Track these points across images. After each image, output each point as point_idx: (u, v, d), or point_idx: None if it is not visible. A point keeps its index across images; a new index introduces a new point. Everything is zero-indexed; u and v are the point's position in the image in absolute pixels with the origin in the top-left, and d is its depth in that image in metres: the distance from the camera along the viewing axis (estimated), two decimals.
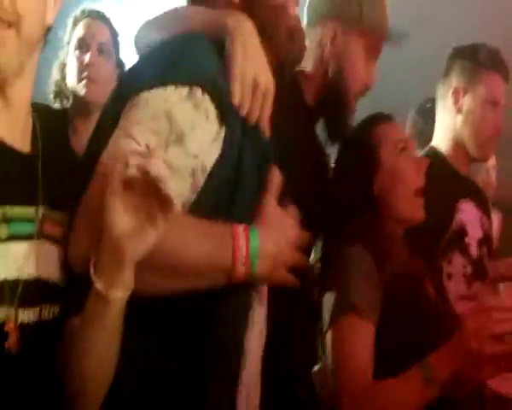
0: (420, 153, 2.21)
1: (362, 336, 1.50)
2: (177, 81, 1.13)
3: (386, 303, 1.55)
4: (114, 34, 2.39)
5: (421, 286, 1.72)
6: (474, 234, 2.12)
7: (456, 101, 2.19)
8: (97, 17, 2.35)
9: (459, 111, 2.19)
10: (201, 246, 1.09)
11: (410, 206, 1.70)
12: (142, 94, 1.13)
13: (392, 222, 1.70)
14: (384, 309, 1.55)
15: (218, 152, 1.14)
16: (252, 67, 1.20)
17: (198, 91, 1.13)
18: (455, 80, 2.20)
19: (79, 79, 2.25)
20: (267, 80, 1.22)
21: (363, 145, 1.72)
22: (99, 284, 0.99)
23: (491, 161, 3.30)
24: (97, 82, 2.25)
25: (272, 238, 1.16)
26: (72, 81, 2.27)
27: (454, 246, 2.04)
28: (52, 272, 1.09)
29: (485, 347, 1.36)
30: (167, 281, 1.08)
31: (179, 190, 1.07)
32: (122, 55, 2.42)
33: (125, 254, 0.97)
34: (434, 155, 2.17)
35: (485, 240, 2.16)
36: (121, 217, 0.96)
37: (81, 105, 2.26)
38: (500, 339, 1.40)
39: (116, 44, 2.39)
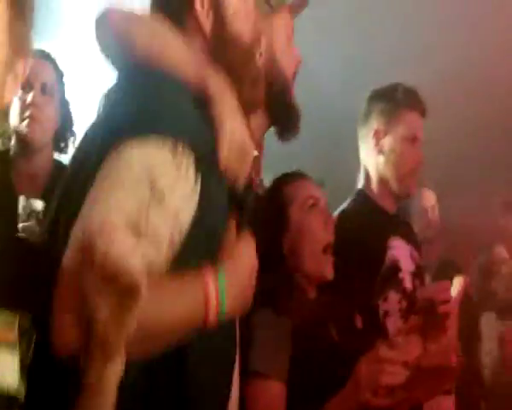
0: (350, 197, 2.29)
1: (269, 399, 1.55)
2: (159, 134, 1.10)
3: (295, 356, 1.60)
4: (59, 74, 2.40)
5: (325, 331, 1.75)
6: (407, 267, 2.17)
7: (377, 142, 2.26)
8: (42, 56, 2.36)
9: (381, 152, 2.25)
10: (177, 308, 1.10)
11: (318, 263, 1.73)
12: (122, 148, 1.08)
13: (302, 279, 1.73)
14: (293, 361, 1.59)
15: (194, 210, 1.13)
16: (239, 128, 1.23)
17: (180, 147, 1.11)
18: (375, 122, 2.27)
19: (22, 119, 2.26)
20: (250, 143, 1.26)
21: (272, 204, 1.76)
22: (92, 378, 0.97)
23: (431, 200, 3.43)
24: (40, 122, 2.26)
25: (237, 275, 1.18)
26: (14, 121, 2.28)
27: (389, 283, 2.09)
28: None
29: (374, 398, 1.42)
30: (142, 348, 1.06)
31: (156, 257, 1.06)
32: (68, 95, 2.43)
33: (111, 338, 0.96)
34: (363, 197, 2.25)
35: (418, 273, 2.21)
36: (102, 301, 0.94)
37: (23, 145, 2.27)
38: (390, 391, 1.46)
39: (61, 84, 2.40)
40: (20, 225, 2.09)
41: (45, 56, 2.38)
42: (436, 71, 3.95)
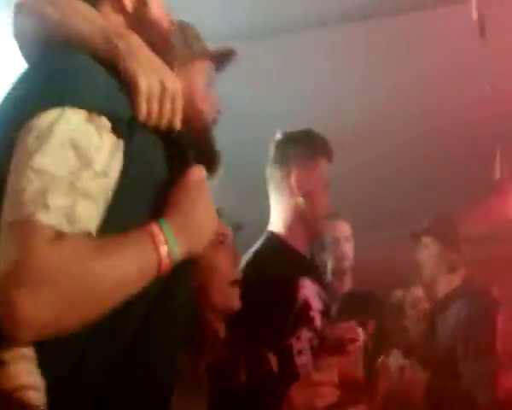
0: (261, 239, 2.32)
1: None
2: (75, 104, 1.12)
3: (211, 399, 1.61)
4: None
5: (235, 372, 1.77)
6: (317, 306, 2.22)
7: (296, 185, 2.30)
8: None
9: (299, 195, 2.30)
10: (125, 261, 1.10)
11: (226, 296, 1.78)
12: (39, 118, 1.10)
13: (210, 312, 1.75)
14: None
15: (120, 166, 1.15)
16: (155, 77, 1.22)
17: (95, 112, 1.12)
18: (293, 166, 2.32)
19: None
20: (173, 82, 1.25)
21: None
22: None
23: (345, 232, 3.51)
24: None
25: (185, 213, 1.20)
26: None
27: (301, 322, 2.13)
28: None
29: None
30: (100, 306, 1.08)
31: (95, 215, 1.09)
32: None
33: None
34: (275, 238, 2.30)
35: (325, 311, 2.27)
36: None
37: None
38: None
39: None
40: None
41: None
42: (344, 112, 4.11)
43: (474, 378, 3.41)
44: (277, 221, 2.35)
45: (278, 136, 2.39)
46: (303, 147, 2.34)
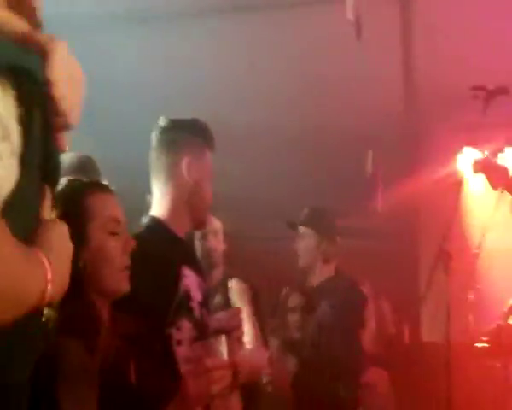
0: (142, 223, 2.29)
1: None
2: None
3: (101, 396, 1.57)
4: None
5: (125, 369, 1.73)
6: (196, 297, 2.21)
7: (187, 172, 2.27)
8: None
9: (188, 182, 2.28)
10: (22, 273, 1.01)
11: (115, 281, 1.75)
12: None
13: (97, 295, 1.72)
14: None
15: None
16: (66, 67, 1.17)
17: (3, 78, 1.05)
18: (184, 153, 2.29)
19: None
20: (79, 71, 1.22)
21: (72, 214, 1.61)
22: None
23: (215, 226, 3.54)
24: None
25: (55, 257, 1.11)
26: None
27: (182, 312, 2.12)
28: None
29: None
30: None
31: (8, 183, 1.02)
32: None
33: None
34: (157, 224, 2.26)
35: (204, 302, 2.26)
36: None
37: None
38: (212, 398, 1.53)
39: None
40: None
41: None
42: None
43: (337, 371, 3.53)
44: (161, 207, 2.30)
45: (163, 122, 2.34)
46: (192, 135, 2.32)
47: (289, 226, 3.96)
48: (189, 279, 2.21)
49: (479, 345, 4.53)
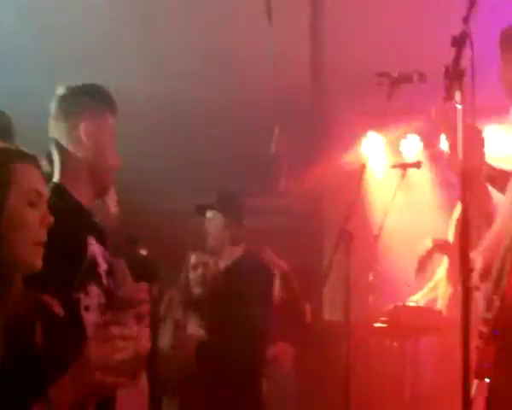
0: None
1: None
2: None
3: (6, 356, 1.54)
4: None
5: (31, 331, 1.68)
6: (102, 265, 2.20)
7: (85, 137, 2.26)
8: None
9: (87, 146, 2.26)
10: None
11: (28, 253, 1.69)
12: None
13: (7, 266, 1.66)
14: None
15: None
16: None
17: None
18: (82, 118, 2.28)
19: None
20: None
21: None
22: None
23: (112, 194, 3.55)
24: None
25: None
26: None
27: (90, 277, 2.10)
28: None
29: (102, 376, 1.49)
30: None
31: None
32: None
33: None
34: (62, 191, 2.23)
35: (110, 271, 2.25)
36: None
37: None
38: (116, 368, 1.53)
39: None
40: None
41: None
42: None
43: (238, 340, 3.71)
44: (61, 174, 2.28)
45: (61, 89, 2.32)
46: (90, 100, 2.31)
47: (198, 210, 4.03)
48: (94, 247, 2.20)
49: (377, 325, 4.71)
